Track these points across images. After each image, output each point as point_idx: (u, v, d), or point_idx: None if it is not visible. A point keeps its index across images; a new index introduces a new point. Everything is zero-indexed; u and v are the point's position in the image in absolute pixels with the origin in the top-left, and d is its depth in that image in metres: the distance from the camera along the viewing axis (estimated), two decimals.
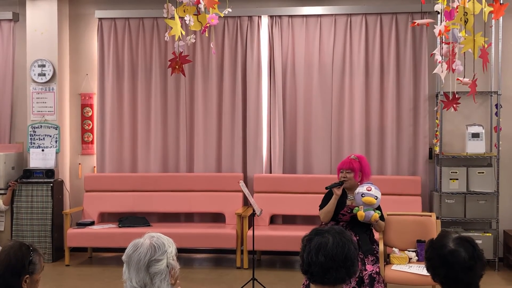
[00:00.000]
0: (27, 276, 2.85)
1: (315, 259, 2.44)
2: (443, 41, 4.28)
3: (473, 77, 4.22)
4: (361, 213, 4.98)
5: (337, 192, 5.10)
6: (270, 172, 7.73)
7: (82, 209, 7.74)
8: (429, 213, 5.66)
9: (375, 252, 5.08)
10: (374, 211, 5.01)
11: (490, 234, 7.06)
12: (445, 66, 4.17)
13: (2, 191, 7.48)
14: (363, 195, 4.99)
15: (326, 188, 5.21)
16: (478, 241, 2.55)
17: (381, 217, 5.16)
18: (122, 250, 2.73)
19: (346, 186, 5.18)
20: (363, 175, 5.20)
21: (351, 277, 2.50)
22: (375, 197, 4.99)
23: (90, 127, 8.05)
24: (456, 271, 2.43)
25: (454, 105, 4.30)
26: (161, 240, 2.64)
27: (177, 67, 4.56)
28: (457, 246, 2.47)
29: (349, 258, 2.44)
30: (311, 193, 7.07)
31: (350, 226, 5.04)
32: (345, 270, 2.44)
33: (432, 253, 2.52)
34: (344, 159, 5.34)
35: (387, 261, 5.31)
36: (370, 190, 5.00)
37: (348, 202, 5.15)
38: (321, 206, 5.22)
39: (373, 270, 4.81)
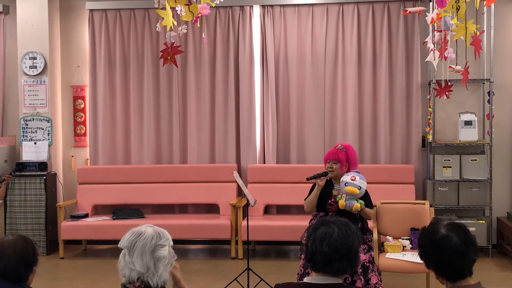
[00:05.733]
0: (34, 267, 2.90)
1: (319, 249, 2.50)
2: (435, 28, 4.27)
3: (465, 65, 4.22)
4: (342, 202, 4.94)
5: (320, 183, 5.07)
6: (264, 163, 7.74)
7: (75, 201, 7.73)
8: (423, 201, 5.67)
9: (366, 241, 5.08)
10: (357, 201, 4.97)
11: (484, 221, 7.09)
12: (437, 54, 4.17)
13: None
14: (346, 184, 4.94)
15: (308, 179, 5.16)
16: (472, 229, 2.58)
17: (370, 205, 5.13)
18: (117, 242, 2.75)
19: (332, 176, 5.15)
20: (349, 165, 5.16)
21: (353, 269, 2.55)
22: (359, 187, 4.93)
23: (83, 119, 8.02)
24: (449, 256, 2.44)
25: (447, 93, 4.30)
26: (161, 229, 2.70)
27: (169, 57, 4.54)
28: (449, 232, 2.48)
29: (352, 250, 2.50)
30: (305, 183, 7.04)
31: (339, 216, 5.02)
32: (347, 262, 2.49)
33: (425, 239, 2.54)
34: (331, 149, 5.31)
35: (381, 249, 5.33)
36: (354, 180, 4.94)
37: (335, 192, 5.13)
38: (307, 197, 5.23)
39: (365, 259, 4.82)
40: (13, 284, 2.84)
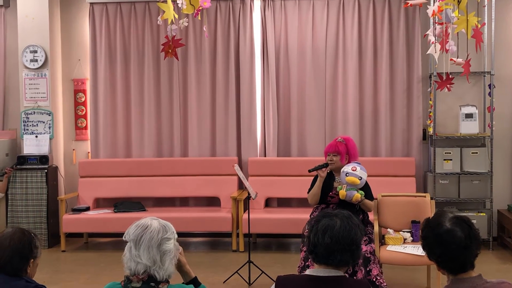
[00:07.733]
0: (32, 260, 2.89)
1: (321, 240, 2.50)
2: (436, 21, 4.27)
3: (467, 57, 4.22)
4: (342, 192, 4.97)
5: (322, 174, 5.12)
6: (265, 156, 7.74)
7: (77, 194, 7.74)
8: (424, 194, 5.68)
9: (367, 232, 5.10)
10: (357, 191, 5.00)
11: (484, 214, 7.10)
12: (438, 46, 4.17)
13: None
14: (347, 174, 4.98)
15: (309, 170, 5.20)
16: (473, 221, 2.56)
17: (370, 197, 5.16)
18: (118, 235, 2.75)
19: (332, 168, 5.19)
20: (350, 157, 5.21)
21: (355, 261, 2.55)
22: (359, 178, 4.96)
23: (84, 112, 8.02)
24: (452, 250, 2.44)
25: (448, 86, 4.31)
26: (166, 222, 2.70)
27: (170, 51, 4.55)
28: (453, 226, 2.47)
29: (354, 242, 2.51)
30: (306, 175, 7.04)
31: (340, 208, 5.05)
32: (349, 254, 2.50)
33: (428, 232, 2.53)
34: (331, 141, 5.34)
35: (382, 242, 5.34)
36: (355, 170, 4.98)
37: (336, 185, 5.16)
38: (310, 190, 5.25)
39: (366, 250, 4.84)
40: (10, 277, 2.84)
